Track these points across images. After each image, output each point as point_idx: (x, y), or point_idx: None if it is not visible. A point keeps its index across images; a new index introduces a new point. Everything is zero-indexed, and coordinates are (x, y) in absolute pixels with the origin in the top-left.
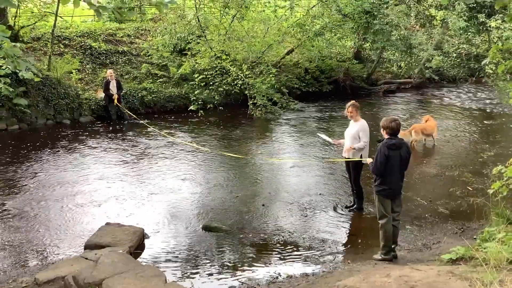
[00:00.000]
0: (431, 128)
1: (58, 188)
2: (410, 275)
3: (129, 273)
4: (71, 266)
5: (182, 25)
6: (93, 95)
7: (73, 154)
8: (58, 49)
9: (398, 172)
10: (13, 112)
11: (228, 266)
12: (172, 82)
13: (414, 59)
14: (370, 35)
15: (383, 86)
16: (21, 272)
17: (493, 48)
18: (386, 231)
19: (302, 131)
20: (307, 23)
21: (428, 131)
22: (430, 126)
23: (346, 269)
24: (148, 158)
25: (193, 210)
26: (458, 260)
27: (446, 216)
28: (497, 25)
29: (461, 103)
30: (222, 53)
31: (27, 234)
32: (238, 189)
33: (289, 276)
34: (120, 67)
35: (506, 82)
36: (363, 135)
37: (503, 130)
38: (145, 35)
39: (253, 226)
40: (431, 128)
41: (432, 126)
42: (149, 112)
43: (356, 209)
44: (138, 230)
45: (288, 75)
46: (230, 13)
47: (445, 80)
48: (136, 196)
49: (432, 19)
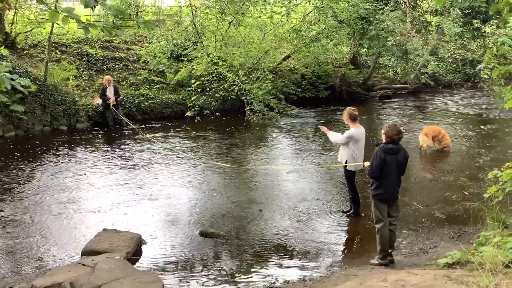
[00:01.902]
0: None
1: (55, 195)
2: (407, 279)
3: (127, 279)
4: (68, 273)
5: (179, 32)
6: (90, 101)
7: (70, 161)
8: (55, 55)
9: (394, 177)
10: (9, 118)
11: (225, 272)
12: (169, 88)
13: (410, 65)
14: (366, 40)
15: (379, 91)
16: (18, 278)
17: (488, 53)
18: (383, 235)
19: (299, 137)
20: (304, 29)
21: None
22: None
23: (343, 273)
24: (145, 165)
25: (190, 216)
26: (454, 264)
27: (443, 220)
28: (492, 31)
29: (457, 108)
30: (218, 59)
31: (24, 241)
32: (235, 195)
33: (286, 281)
34: (117, 73)
35: (501, 87)
36: (344, 134)
37: (498, 135)
38: (142, 42)
39: (250, 232)
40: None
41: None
42: (146, 118)
43: (353, 214)
44: (135, 236)
45: (284, 81)
46: (226, 19)
47: (441, 86)
48: (132, 202)
49: (428, 25)
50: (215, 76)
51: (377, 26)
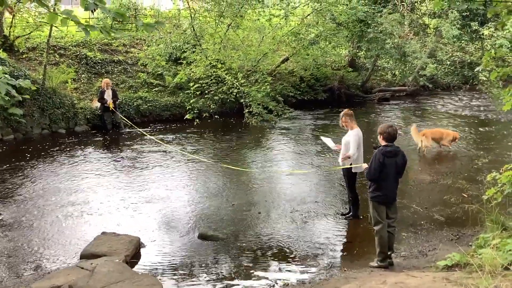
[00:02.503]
0: (440, 134)
1: (54, 198)
2: (406, 281)
3: (125, 282)
4: (67, 276)
5: (177, 34)
6: (88, 104)
7: (68, 164)
8: (54, 58)
9: (393, 179)
10: (8, 122)
11: (224, 274)
12: (168, 91)
13: (408, 67)
14: (364, 43)
15: (378, 94)
16: (17, 282)
17: (486, 56)
18: (382, 237)
19: (297, 139)
20: (302, 31)
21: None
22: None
23: (343, 276)
24: (144, 167)
25: (189, 219)
26: (453, 266)
27: (442, 223)
28: (490, 33)
29: (455, 111)
30: (217, 62)
31: (22, 244)
32: (234, 197)
33: (286, 284)
34: (115, 76)
35: (499, 89)
36: (353, 145)
37: (497, 137)
38: (141, 44)
39: (249, 234)
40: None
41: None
42: (144, 121)
43: (352, 216)
44: (134, 239)
45: (283, 83)
46: (225, 22)
47: (439, 88)
48: (131, 205)
49: (426, 27)
50: (214, 78)
51: (375, 28)
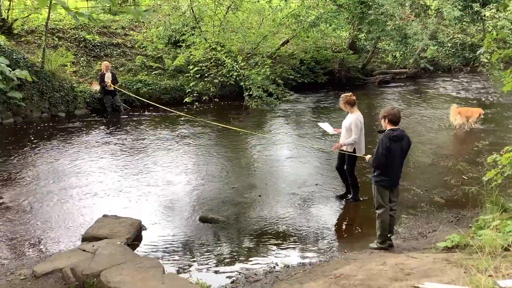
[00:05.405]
0: (471, 113)
1: (55, 181)
2: (406, 262)
3: (127, 264)
4: (69, 258)
5: (177, 17)
6: (88, 87)
7: (68, 147)
8: (52, 42)
9: (398, 164)
10: (8, 105)
11: (225, 257)
12: (167, 74)
13: (409, 49)
14: (365, 25)
15: (378, 76)
16: (19, 264)
17: (487, 37)
18: (383, 220)
19: (298, 122)
20: (302, 14)
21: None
22: (470, 111)
23: (343, 257)
24: (144, 151)
25: (190, 202)
26: (453, 247)
27: (442, 205)
28: (491, 14)
29: (456, 93)
30: (217, 45)
31: (24, 227)
32: (234, 180)
33: (286, 265)
34: (114, 59)
35: (500, 71)
36: (354, 129)
37: (497, 119)
38: (140, 27)
39: (250, 217)
40: (471, 112)
41: (471, 111)
42: (144, 104)
43: (352, 199)
44: (135, 221)
45: (283, 66)
46: (224, 4)
47: (440, 70)
48: (132, 188)
49: (427, 8)
50: (214, 61)
51: (376, 10)
